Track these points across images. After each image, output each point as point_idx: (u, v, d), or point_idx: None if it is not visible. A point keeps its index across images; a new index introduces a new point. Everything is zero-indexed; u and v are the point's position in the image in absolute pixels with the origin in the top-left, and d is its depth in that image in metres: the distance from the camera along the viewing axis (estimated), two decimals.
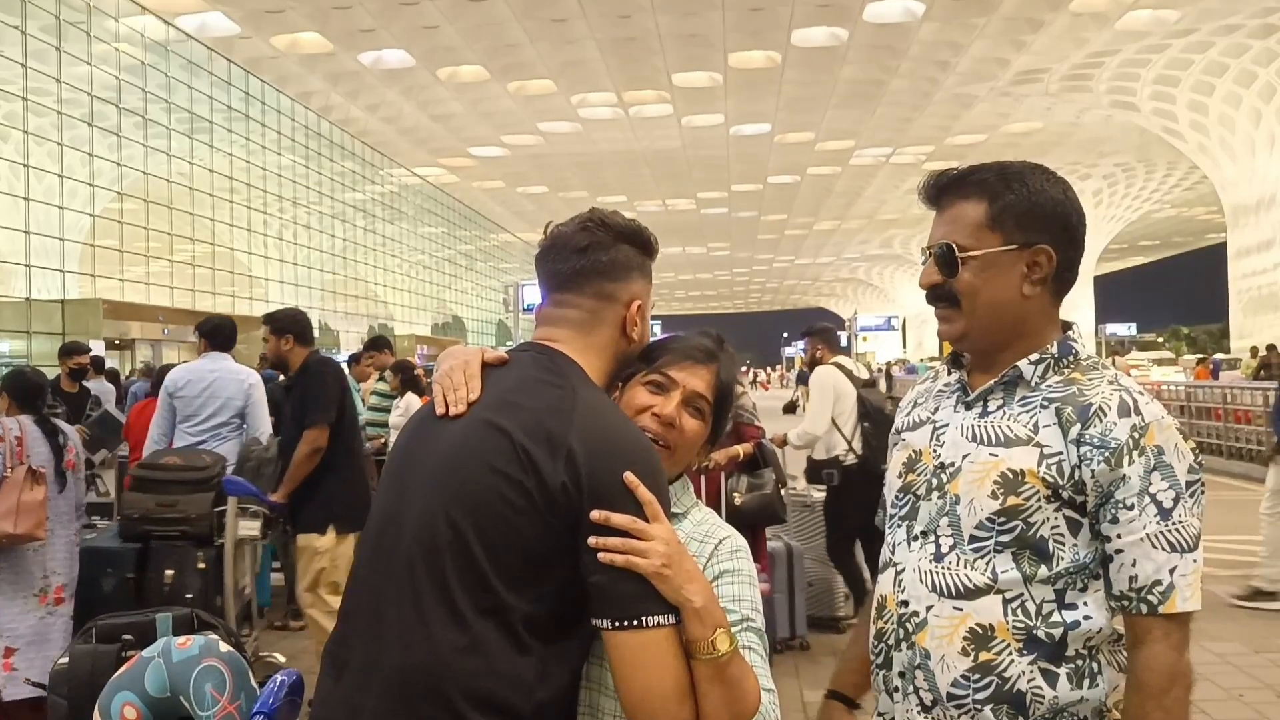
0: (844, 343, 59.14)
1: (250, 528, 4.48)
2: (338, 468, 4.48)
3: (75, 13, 20.00)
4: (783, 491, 5.08)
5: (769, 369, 72.48)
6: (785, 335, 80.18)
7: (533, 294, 22.98)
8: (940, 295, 1.50)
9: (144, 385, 9.45)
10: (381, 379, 7.47)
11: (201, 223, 25.17)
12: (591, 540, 1.27)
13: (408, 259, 39.04)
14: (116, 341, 20.12)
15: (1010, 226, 1.47)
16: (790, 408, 12.66)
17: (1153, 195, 36.92)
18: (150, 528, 4.29)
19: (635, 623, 1.26)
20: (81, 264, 21.30)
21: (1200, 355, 30.95)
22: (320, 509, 4.46)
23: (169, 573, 4.20)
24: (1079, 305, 38.90)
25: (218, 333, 5.49)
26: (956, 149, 29.31)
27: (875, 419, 5.22)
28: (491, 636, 1.27)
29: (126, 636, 2.07)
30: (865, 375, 5.68)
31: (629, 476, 1.29)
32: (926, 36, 20.93)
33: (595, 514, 1.27)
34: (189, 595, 4.17)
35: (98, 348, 12.97)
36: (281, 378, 5.61)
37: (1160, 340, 55.90)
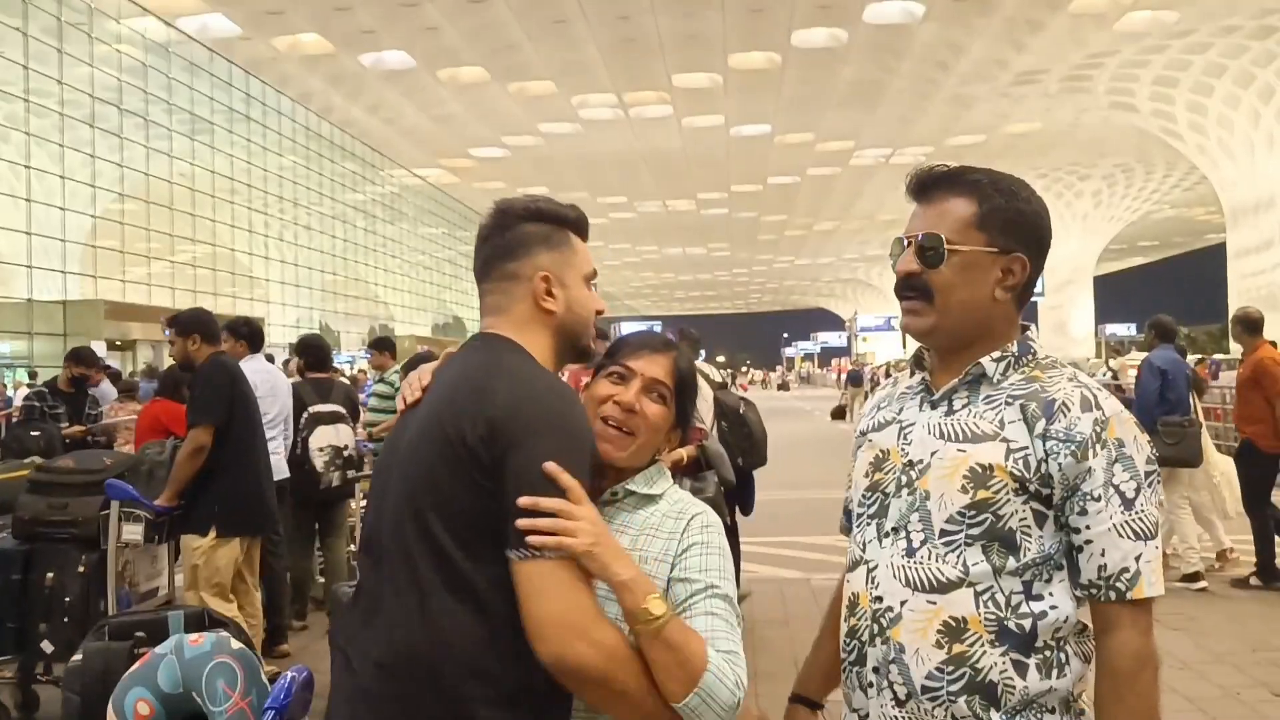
0: (845, 343, 58.92)
1: (133, 532, 4.38)
2: (226, 470, 4.40)
3: (76, 14, 20.04)
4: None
5: (747, 367, 72.60)
6: (785, 335, 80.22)
7: None
8: (914, 286, 1.53)
9: (149, 386, 9.46)
10: (381, 381, 7.47)
11: (202, 224, 25.22)
12: (521, 523, 1.32)
13: (408, 259, 39.09)
14: (118, 342, 20.16)
15: (994, 230, 1.51)
16: (840, 413, 12.28)
17: (1152, 196, 36.96)
18: (40, 529, 4.26)
19: (538, 553, 1.32)
20: (83, 265, 21.33)
21: (1200, 355, 30.91)
22: (203, 510, 4.41)
23: (50, 575, 4.17)
24: (1079, 305, 38.96)
25: (257, 336, 5.70)
26: (956, 149, 29.35)
27: (730, 418, 5.65)
28: (462, 609, 1.34)
29: (139, 634, 2.10)
30: (719, 379, 6.16)
31: (549, 466, 1.34)
32: (926, 37, 20.96)
33: (523, 500, 1.32)
34: (68, 599, 4.14)
35: (99, 348, 12.98)
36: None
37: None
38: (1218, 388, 14.20)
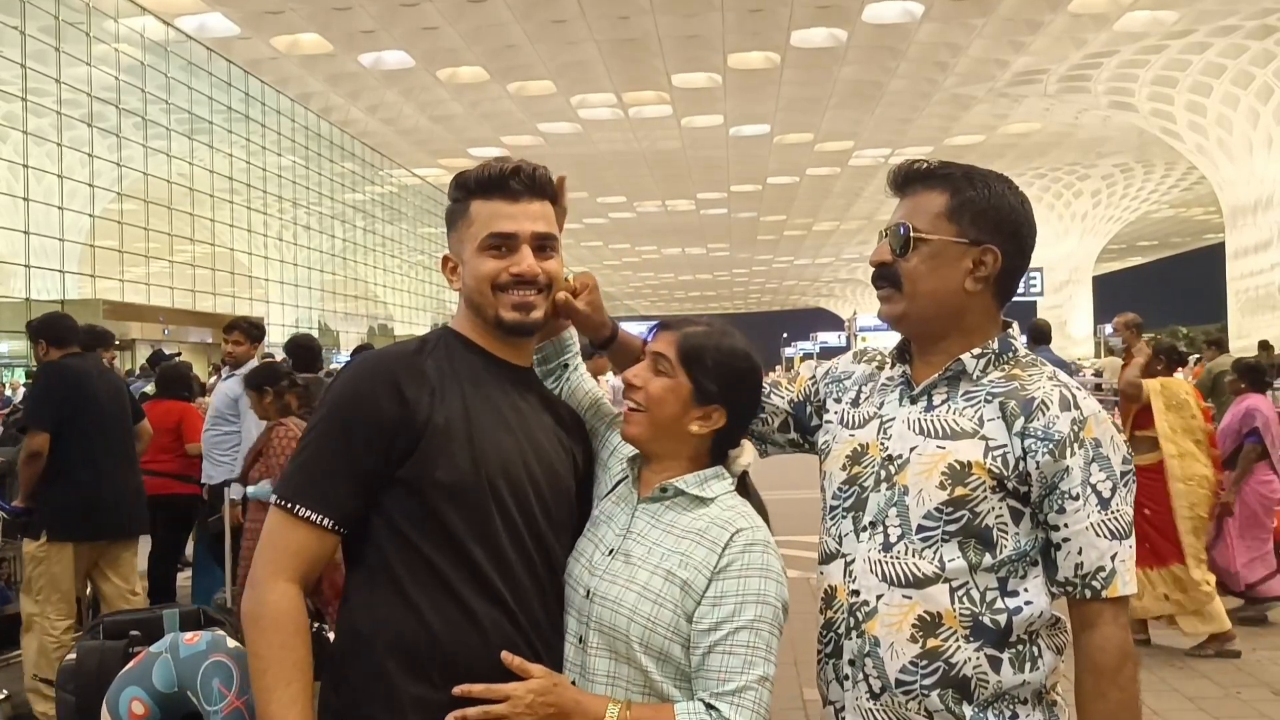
0: (844, 343, 59.05)
1: None
2: (63, 475, 4.36)
3: (75, 13, 20.02)
4: None
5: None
6: (785, 335, 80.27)
7: None
8: (885, 275, 1.56)
9: (140, 385, 9.43)
10: None
11: (201, 223, 25.20)
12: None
13: (407, 259, 39.08)
14: (117, 342, 20.12)
15: (965, 222, 1.52)
16: None
17: (1151, 196, 36.96)
18: None
19: (277, 501, 1.47)
20: (81, 264, 21.32)
21: (1198, 355, 30.92)
22: (39, 515, 4.41)
23: None
24: (1078, 305, 38.93)
25: (262, 337, 5.88)
26: (955, 149, 29.35)
27: None
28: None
29: (134, 632, 2.08)
30: None
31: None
32: (925, 37, 20.96)
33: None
34: None
35: None
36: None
37: (1157, 338, 55.95)
38: None
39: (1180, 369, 5.97)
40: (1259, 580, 5.73)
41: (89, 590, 4.96)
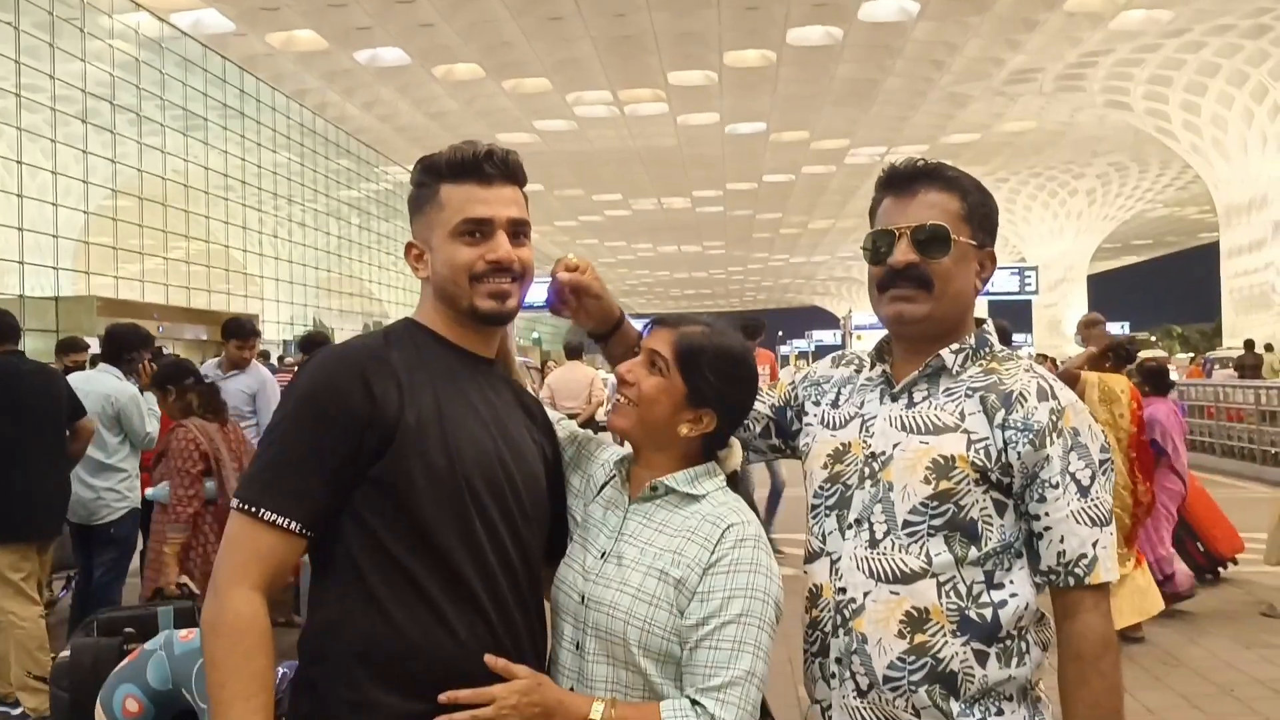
0: (839, 341, 59.09)
1: None
2: None
3: (69, 9, 19.93)
4: None
5: None
6: (780, 334, 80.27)
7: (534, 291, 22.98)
8: (911, 275, 1.53)
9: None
10: None
11: (196, 220, 25.11)
12: None
13: (402, 256, 39.06)
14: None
15: (976, 225, 1.56)
16: None
17: (1146, 195, 37.01)
18: None
19: (238, 505, 1.41)
20: (76, 261, 21.22)
21: (1192, 354, 31.04)
22: None
23: None
24: (1073, 304, 38.96)
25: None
26: (951, 148, 29.36)
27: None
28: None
29: (128, 630, 2.08)
30: None
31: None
32: (921, 35, 20.97)
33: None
34: None
35: (92, 345, 12.90)
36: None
37: (1153, 339, 56.00)
38: (1211, 386, 14.29)
39: (1127, 367, 6.15)
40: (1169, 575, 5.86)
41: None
